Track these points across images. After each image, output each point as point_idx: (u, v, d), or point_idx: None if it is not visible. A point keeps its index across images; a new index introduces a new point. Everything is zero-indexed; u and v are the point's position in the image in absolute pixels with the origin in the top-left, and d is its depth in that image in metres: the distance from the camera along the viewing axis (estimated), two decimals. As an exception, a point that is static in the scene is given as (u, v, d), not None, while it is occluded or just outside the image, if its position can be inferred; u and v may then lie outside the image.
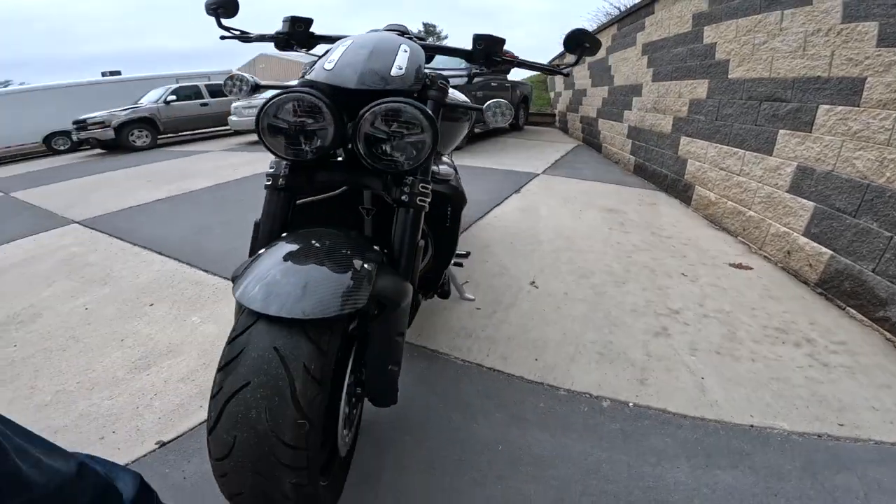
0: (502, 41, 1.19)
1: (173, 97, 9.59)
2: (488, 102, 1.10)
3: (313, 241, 0.89)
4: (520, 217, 3.37)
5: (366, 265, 0.86)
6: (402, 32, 1.29)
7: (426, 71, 1.10)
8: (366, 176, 1.05)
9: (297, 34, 1.29)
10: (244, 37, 1.32)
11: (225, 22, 1.29)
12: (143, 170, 6.20)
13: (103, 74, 12.94)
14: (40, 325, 2.02)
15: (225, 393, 0.73)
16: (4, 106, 10.51)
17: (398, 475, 1.20)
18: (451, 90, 1.25)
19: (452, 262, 1.80)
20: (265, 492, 0.73)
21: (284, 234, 0.96)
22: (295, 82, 1.04)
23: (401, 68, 0.99)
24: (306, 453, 0.73)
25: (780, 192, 2.57)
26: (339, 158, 1.15)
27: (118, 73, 13.07)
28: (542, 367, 1.63)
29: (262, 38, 1.32)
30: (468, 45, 1.22)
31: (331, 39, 1.28)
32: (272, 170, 1.04)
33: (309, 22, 1.30)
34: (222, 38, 1.33)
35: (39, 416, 1.44)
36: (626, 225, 3.16)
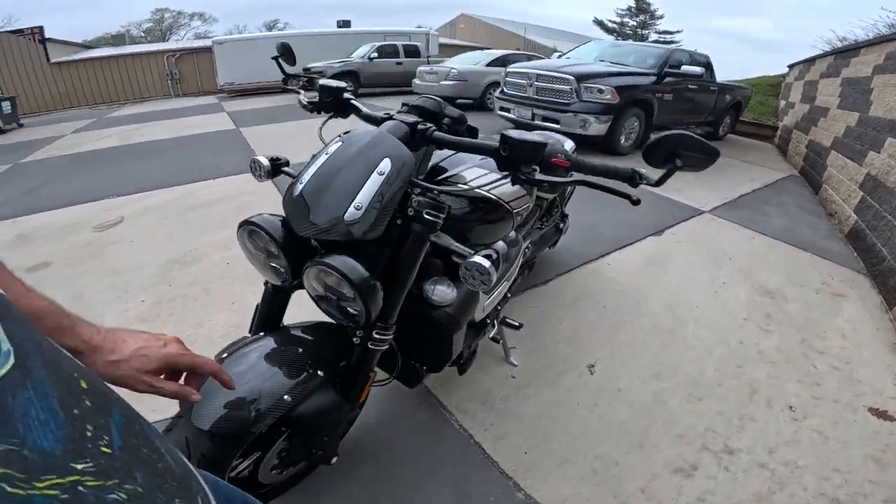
0: (541, 146, 0.88)
1: (376, 54, 10.72)
2: (468, 259, 0.90)
3: (262, 358, 0.96)
4: (638, 272, 2.84)
5: (289, 394, 0.91)
6: (425, 112, 1.12)
7: (416, 197, 0.96)
8: None
9: (327, 103, 1.26)
10: (304, 84, 1.42)
11: (288, 69, 1.40)
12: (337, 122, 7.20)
13: (338, 24, 15.05)
14: (193, 270, 2.60)
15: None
16: (262, 48, 13.18)
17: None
18: (494, 192, 1.16)
19: (504, 327, 1.77)
20: None
21: (245, 338, 1.06)
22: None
23: (359, 208, 0.88)
24: None
25: None
26: None
27: (349, 23, 15.06)
28: (524, 463, 1.52)
29: (316, 88, 1.31)
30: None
31: (359, 112, 1.25)
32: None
33: (340, 90, 1.26)
34: (284, 81, 1.45)
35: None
36: (774, 320, 2.42)
